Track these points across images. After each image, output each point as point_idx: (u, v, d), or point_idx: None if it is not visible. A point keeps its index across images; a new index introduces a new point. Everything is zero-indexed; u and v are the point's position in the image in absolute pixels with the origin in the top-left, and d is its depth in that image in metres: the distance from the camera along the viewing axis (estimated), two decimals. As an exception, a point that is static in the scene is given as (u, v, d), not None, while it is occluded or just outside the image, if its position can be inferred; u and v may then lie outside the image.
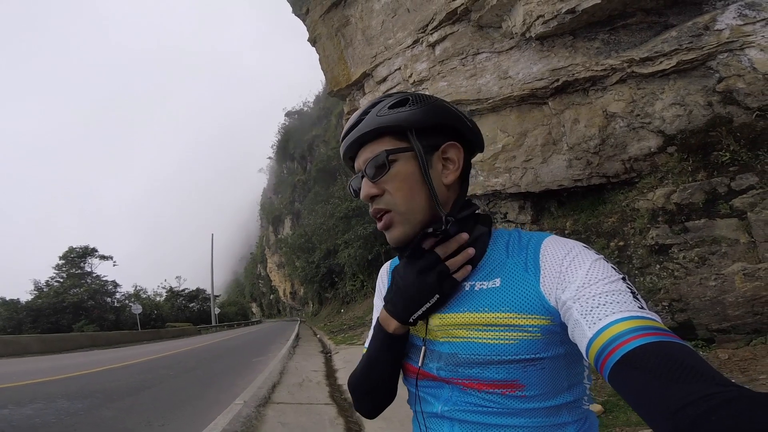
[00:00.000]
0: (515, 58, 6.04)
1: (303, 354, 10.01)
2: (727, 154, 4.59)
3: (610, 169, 5.75)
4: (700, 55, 4.70)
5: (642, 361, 0.48)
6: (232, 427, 3.53)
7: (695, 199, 4.68)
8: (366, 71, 8.49)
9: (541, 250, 0.68)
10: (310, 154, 45.33)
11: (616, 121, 5.50)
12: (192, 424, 3.89)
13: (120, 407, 4.63)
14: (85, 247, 33.86)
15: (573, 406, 0.68)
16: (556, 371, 0.66)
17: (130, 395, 5.32)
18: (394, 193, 0.72)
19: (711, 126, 4.82)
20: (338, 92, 9.70)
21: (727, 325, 4.16)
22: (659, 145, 5.23)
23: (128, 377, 6.98)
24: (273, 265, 62.88)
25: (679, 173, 5.00)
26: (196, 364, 9.05)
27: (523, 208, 7.21)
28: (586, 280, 0.60)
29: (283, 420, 3.92)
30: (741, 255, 4.26)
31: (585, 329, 0.56)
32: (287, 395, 5.03)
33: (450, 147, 0.75)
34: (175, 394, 5.49)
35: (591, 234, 5.82)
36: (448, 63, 6.84)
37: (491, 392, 0.66)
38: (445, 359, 0.71)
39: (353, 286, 26.62)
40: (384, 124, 0.72)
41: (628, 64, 5.16)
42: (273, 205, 62.59)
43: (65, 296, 29.09)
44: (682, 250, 4.68)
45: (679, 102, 5.03)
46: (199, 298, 45.83)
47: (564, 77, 5.63)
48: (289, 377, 6.38)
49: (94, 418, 4.13)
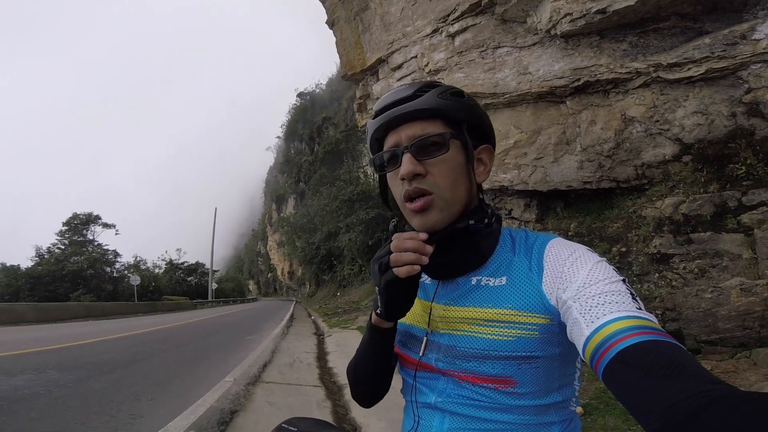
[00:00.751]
0: (537, 55, 5.90)
1: (296, 335, 10.07)
2: (743, 168, 4.49)
3: (622, 174, 5.65)
4: (731, 64, 4.56)
5: (635, 358, 0.48)
6: (220, 404, 3.53)
7: (704, 212, 4.60)
8: (382, 57, 8.40)
9: (546, 250, 0.69)
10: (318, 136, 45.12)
11: (633, 125, 5.37)
12: (180, 399, 3.89)
13: (109, 380, 4.64)
14: (88, 214, 34.05)
15: (561, 406, 0.70)
16: (550, 371, 0.68)
17: (121, 368, 5.33)
18: (441, 177, 0.71)
19: (731, 137, 4.70)
20: (352, 76, 9.61)
21: (715, 337, 4.17)
22: (675, 153, 5.12)
23: (121, 350, 7.01)
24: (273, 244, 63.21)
25: (691, 183, 4.91)
26: (190, 339, 9.09)
27: (528, 206, 7.14)
28: (587, 280, 0.61)
29: (271, 399, 3.93)
30: (741, 270, 4.22)
31: (583, 327, 0.56)
32: (277, 375, 5.05)
33: (485, 150, 0.79)
34: (166, 368, 5.50)
35: (594, 237, 5.76)
36: (467, 54, 6.70)
37: (484, 386, 0.68)
38: (444, 351, 0.73)
39: (351, 270, 26.73)
40: (446, 108, 0.72)
41: (654, 69, 5.01)
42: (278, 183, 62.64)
43: (65, 264, 29.30)
44: (683, 261, 4.64)
45: (702, 111, 4.90)
46: (198, 272, 46.15)
47: (586, 77, 5.49)
48: (281, 357, 6.41)
49: (82, 391, 4.12)
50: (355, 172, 28.29)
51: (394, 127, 0.75)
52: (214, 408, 3.39)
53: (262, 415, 3.39)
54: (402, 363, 0.83)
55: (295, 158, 51.59)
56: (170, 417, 3.20)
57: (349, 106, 31.68)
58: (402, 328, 0.84)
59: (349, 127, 30.17)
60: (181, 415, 3.20)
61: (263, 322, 14.06)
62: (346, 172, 28.63)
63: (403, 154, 0.72)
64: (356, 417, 3.33)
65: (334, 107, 44.81)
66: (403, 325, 0.83)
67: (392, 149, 0.75)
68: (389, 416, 3.19)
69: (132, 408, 3.60)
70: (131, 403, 3.73)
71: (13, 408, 3.48)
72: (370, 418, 3.27)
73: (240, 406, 3.59)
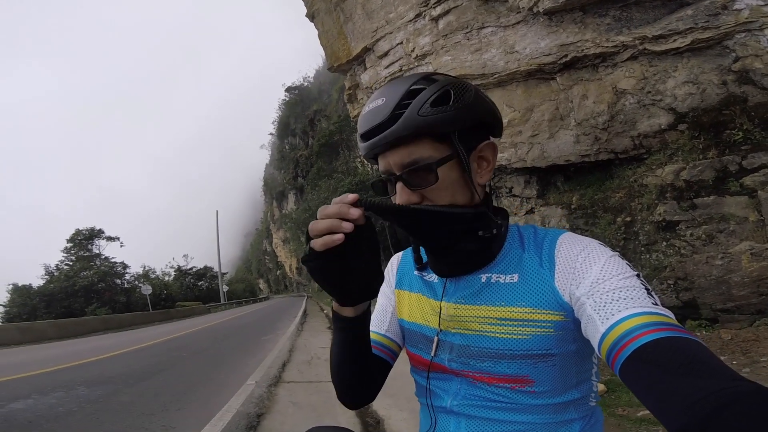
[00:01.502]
0: (522, 33, 5.87)
1: (311, 330, 10.21)
2: (740, 133, 4.51)
3: (619, 145, 5.66)
4: (716, 35, 4.57)
5: (653, 355, 0.48)
6: (245, 409, 3.64)
7: (705, 177, 4.62)
8: (367, 46, 8.31)
9: (557, 246, 0.67)
10: (311, 129, 44.84)
11: (626, 97, 5.38)
12: (206, 406, 4.00)
13: (136, 392, 4.76)
14: (91, 228, 34.13)
15: (580, 402, 0.69)
16: (566, 368, 0.66)
17: (145, 379, 5.46)
18: (437, 200, 0.68)
19: (724, 105, 4.71)
20: (338, 68, 9.53)
21: (731, 305, 4.18)
22: (670, 122, 5.13)
23: (142, 360, 7.15)
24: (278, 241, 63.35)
25: (690, 151, 4.92)
26: (207, 344, 9.25)
27: (528, 183, 7.16)
28: (600, 276, 0.59)
29: (294, 399, 4.02)
30: (749, 234, 4.23)
31: (598, 324, 0.55)
32: (297, 374, 5.16)
33: (486, 147, 0.72)
34: (188, 376, 5.63)
35: (597, 209, 5.79)
36: (452, 37, 6.66)
37: (501, 386, 0.67)
38: (456, 351, 0.71)
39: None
40: (429, 125, 0.65)
41: (640, 42, 5.01)
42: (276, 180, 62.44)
43: (76, 279, 29.45)
44: (689, 228, 4.65)
45: (692, 80, 4.90)
46: (207, 276, 46.37)
47: (573, 53, 5.48)
48: (298, 355, 6.52)
49: (113, 405, 4.24)
50: (352, 162, 28.16)
51: (380, 153, 0.70)
52: (241, 413, 3.50)
53: (287, 416, 3.49)
54: (413, 364, 0.81)
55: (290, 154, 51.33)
56: (200, 425, 3.32)
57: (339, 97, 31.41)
58: (412, 327, 0.81)
59: (342, 118, 29.92)
60: (210, 423, 3.31)
61: (277, 320, 14.26)
62: (343, 163, 28.50)
63: (396, 183, 0.70)
64: (378, 410, 3.41)
65: (324, 99, 44.45)
66: (413, 324, 0.81)
67: (385, 176, 0.72)
68: (410, 407, 3.26)
69: (163, 419, 3.70)
70: (161, 414, 3.84)
71: (51, 427, 3.60)
72: (392, 409, 3.35)
73: (265, 409, 3.69)
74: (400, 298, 0.88)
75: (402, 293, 0.87)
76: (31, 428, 3.57)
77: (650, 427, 2.61)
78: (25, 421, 3.77)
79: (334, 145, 30.83)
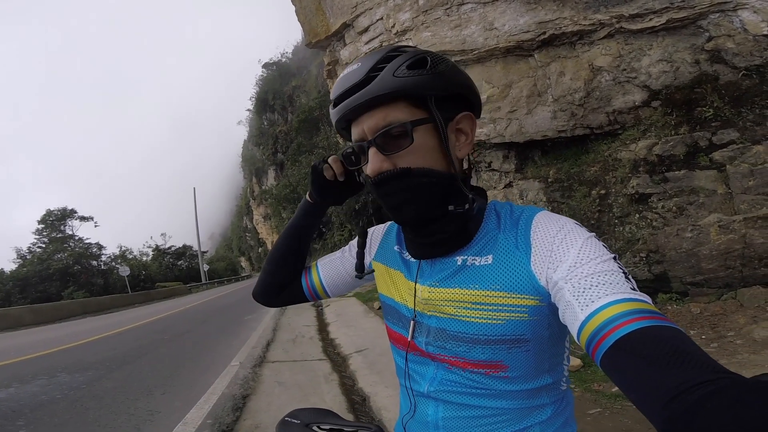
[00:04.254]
0: (501, 10, 5.81)
1: (294, 309, 10.22)
2: (711, 110, 4.62)
3: (594, 121, 5.74)
4: (691, 14, 4.62)
5: (635, 346, 0.47)
6: (230, 391, 3.67)
7: (676, 151, 4.74)
8: (346, 22, 8.10)
9: (532, 227, 0.65)
10: (291, 105, 43.86)
11: (602, 74, 5.43)
12: (192, 388, 4.03)
13: (120, 377, 4.75)
14: (63, 208, 33.00)
15: (552, 387, 0.69)
16: (540, 353, 0.66)
17: (128, 363, 5.45)
18: (415, 164, 0.65)
19: (697, 83, 4.81)
20: (317, 44, 9.29)
21: (700, 278, 4.37)
22: (644, 99, 5.22)
23: (123, 345, 7.10)
24: (259, 217, 62.69)
25: (662, 126, 5.03)
26: (190, 326, 9.22)
27: (507, 158, 7.24)
28: (578, 259, 0.57)
29: (280, 379, 4.06)
30: (717, 206, 4.40)
31: (577, 311, 0.54)
32: (282, 353, 5.21)
33: (464, 118, 0.69)
34: (172, 359, 5.64)
35: (573, 182, 5.90)
36: (432, 13, 6.54)
37: (475, 372, 0.66)
38: (433, 334, 0.70)
39: (342, 237, 26.80)
40: (403, 88, 0.63)
41: (616, 20, 5.03)
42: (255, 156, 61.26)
43: (50, 262, 28.63)
44: (661, 200, 4.80)
45: (667, 59, 4.97)
46: (187, 255, 45.72)
47: (551, 30, 5.46)
48: (282, 334, 6.57)
49: (97, 391, 4.23)
50: (333, 137, 27.76)
51: (354, 118, 0.68)
52: (226, 395, 3.54)
53: (273, 396, 3.55)
54: (393, 341, 0.81)
55: (269, 130, 50.24)
56: (185, 408, 3.35)
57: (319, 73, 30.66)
58: (390, 303, 0.81)
59: (322, 94, 29.34)
60: (196, 406, 3.35)
61: (260, 299, 14.24)
62: (324, 138, 28.10)
63: (369, 149, 0.66)
64: (363, 387, 3.48)
65: (303, 75, 43.33)
66: (391, 300, 0.80)
67: (358, 143, 0.69)
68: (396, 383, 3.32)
69: (148, 403, 3.73)
70: (146, 399, 3.86)
71: (36, 416, 3.59)
72: (377, 386, 3.43)
73: (250, 390, 3.74)
74: (378, 271, 0.87)
75: (380, 266, 0.86)
76: (16, 418, 3.54)
77: (624, 403, 2.70)
78: (9, 410, 3.74)
79: (314, 120, 30.27)
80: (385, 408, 3.03)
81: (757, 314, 3.76)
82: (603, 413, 2.65)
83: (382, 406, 3.06)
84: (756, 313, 3.78)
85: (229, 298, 17.44)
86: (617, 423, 2.49)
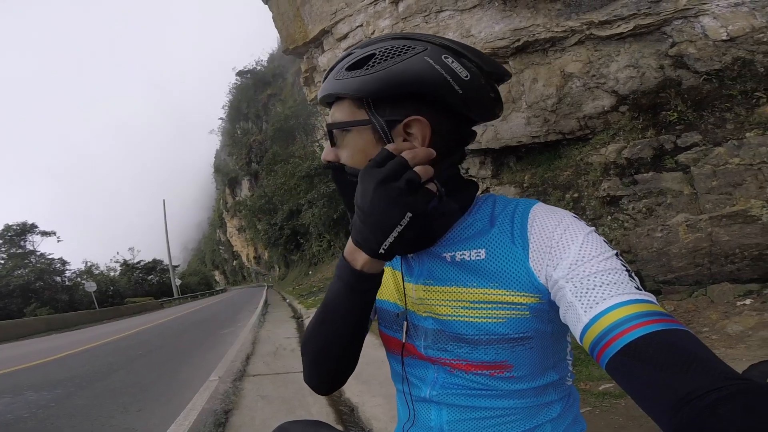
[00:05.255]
0: (478, 17, 6.00)
1: (274, 321, 10.05)
2: (675, 114, 4.85)
3: (566, 127, 5.94)
4: (656, 21, 4.87)
5: (645, 352, 0.45)
6: (211, 406, 3.52)
7: (644, 155, 4.95)
8: (325, 28, 8.16)
9: (529, 220, 0.62)
10: (265, 114, 43.53)
11: (573, 80, 5.64)
12: (169, 405, 3.87)
13: (91, 394, 4.52)
14: (23, 223, 31.60)
15: (558, 383, 0.68)
16: (543, 350, 0.64)
17: (99, 380, 5.19)
18: (347, 163, 0.66)
19: (661, 88, 5.06)
20: (294, 50, 9.32)
21: (672, 276, 4.53)
22: (612, 104, 5.45)
23: (93, 361, 6.78)
24: (233, 230, 61.53)
25: (630, 131, 5.25)
26: (163, 341, 8.89)
27: (483, 164, 7.40)
28: (579, 256, 0.55)
29: (263, 393, 3.94)
30: (684, 206, 4.59)
31: (580, 313, 0.52)
32: (263, 366, 5.06)
33: (414, 122, 0.62)
34: (146, 374, 5.41)
35: (548, 186, 6.07)
36: (412, 20, 6.69)
37: (479, 374, 0.64)
38: (432, 336, 0.67)
39: (320, 247, 26.60)
40: (337, 92, 0.65)
41: (587, 27, 5.26)
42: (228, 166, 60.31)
43: (10, 279, 27.36)
44: (631, 202, 4.98)
45: (633, 64, 5.22)
46: (158, 270, 44.35)
47: (525, 37, 5.67)
48: (262, 347, 6.40)
49: (68, 409, 4.01)
50: (310, 146, 27.65)
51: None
52: (207, 410, 3.39)
53: (256, 410, 3.44)
54: (387, 346, 0.76)
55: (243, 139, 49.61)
56: (164, 425, 3.19)
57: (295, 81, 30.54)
58: (384, 306, 0.76)
59: (298, 102, 29.20)
60: (175, 423, 3.19)
61: (237, 312, 13.91)
62: (301, 147, 27.94)
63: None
64: (351, 397, 3.40)
65: (279, 83, 43.12)
66: (384, 302, 0.76)
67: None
68: (383, 392, 3.25)
69: (123, 421, 3.55)
70: (121, 416, 3.67)
71: (1, 438, 3.38)
72: (364, 396, 3.34)
73: (232, 405, 3.60)
74: None
75: None
76: (-23, 440, 3.33)
77: (612, 401, 2.70)
78: (-31, 433, 3.51)
79: (290, 129, 30.09)
80: (374, 417, 2.97)
81: (727, 310, 3.88)
82: (593, 412, 2.66)
83: (372, 416, 3.01)
84: (726, 309, 3.90)
85: (203, 313, 16.93)
86: (609, 421, 2.51)
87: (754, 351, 3.13)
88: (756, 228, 4.09)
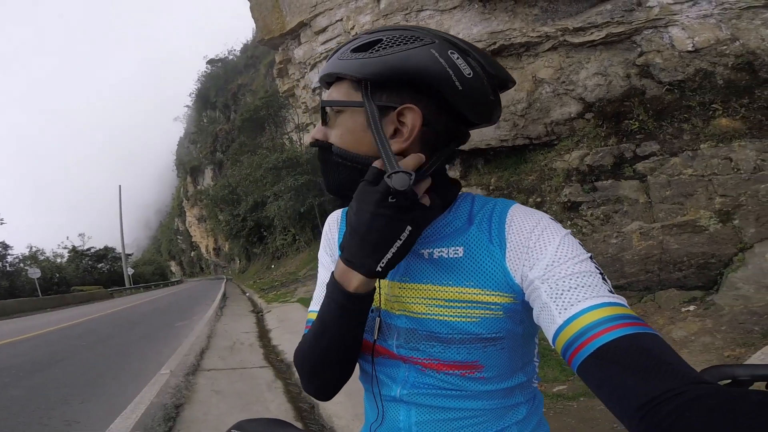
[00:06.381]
0: (457, 18, 6.07)
1: (232, 315, 9.80)
2: (636, 123, 5.07)
3: (534, 132, 6.10)
4: (628, 29, 5.06)
5: (616, 355, 0.47)
6: (161, 400, 3.38)
7: (605, 162, 5.14)
8: (304, 20, 8.04)
9: (507, 220, 0.62)
10: (234, 104, 42.30)
11: (543, 86, 5.79)
12: (117, 398, 3.68)
13: (30, 385, 4.25)
14: (-40, 204, 29.18)
15: (525, 385, 0.68)
16: (513, 351, 0.64)
17: (40, 371, 4.89)
18: (336, 143, 0.65)
19: (626, 96, 5.26)
20: (270, 41, 9.15)
21: (624, 281, 4.73)
22: (579, 111, 5.63)
23: (34, 351, 6.38)
24: (193, 219, 59.39)
25: (594, 138, 5.44)
26: (112, 332, 8.48)
27: (452, 165, 7.52)
28: (556, 258, 0.56)
29: (217, 387, 3.84)
30: (639, 214, 4.81)
31: (554, 315, 0.53)
32: (218, 361, 4.93)
33: (406, 110, 0.61)
34: (92, 366, 5.12)
35: (513, 190, 6.22)
36: (392, 17, 6.70)
37: (450, 374, 0.64)
38: (404, 335, 0.66)
39: (284, 241, 26.14)
40: (338, 72, 0.65)
41: (561, 33, 5.40)
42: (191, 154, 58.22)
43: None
44: (590, 208, 5.17)
45: (602, 72, 5.41)
46: (109, 258, 42.18)
47: (501, 41, 5.77)
48: (219, 341, 6.23)
49: (2, 400, 3.76)
50: (279, 139, 27.06)
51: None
52: (156, 404, 3.25)
53: (210, 405, 3.32)
54: None
55: (209, 127, 48.05)
56: (109, 418, 3.04)
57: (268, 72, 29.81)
58: None
59: (270, 93, 28.44)
60: (121, 416, 3.04)
61: (193, 305, 13.42)
62: (269, 139, 27.29)
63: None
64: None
65: (250, 73, 41.95)
66: None
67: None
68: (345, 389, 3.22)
69: (64, 413, 3.35)
70: (62, 408, 3.48)
71: None
72: None
73: (184, 399, 3.47)
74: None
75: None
76: None
77: (566, 402, 2.79)
78: None
79: (259, 120, 29.24)
80: (336, 415, 2.93)
81: (673, 315, 4.10)
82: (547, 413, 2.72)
83: (333, 413, 2.97)
84: (672, 314, 4.12)
85: (157, 303, 16.25)
86: (562, 423, 2.58)
87: (696, 356, 3.31)
88: (703, 237, 4.34)
